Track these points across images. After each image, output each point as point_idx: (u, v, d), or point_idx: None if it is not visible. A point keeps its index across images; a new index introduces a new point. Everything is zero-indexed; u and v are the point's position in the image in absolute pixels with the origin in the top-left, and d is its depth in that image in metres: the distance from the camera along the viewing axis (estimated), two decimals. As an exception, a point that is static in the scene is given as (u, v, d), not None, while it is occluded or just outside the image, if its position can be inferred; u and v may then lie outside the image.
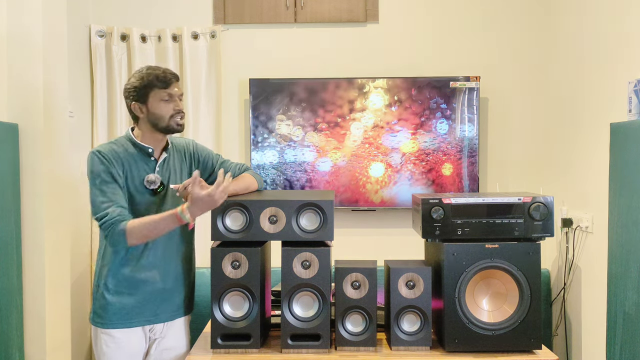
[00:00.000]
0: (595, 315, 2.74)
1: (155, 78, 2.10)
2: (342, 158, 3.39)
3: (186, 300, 2.27)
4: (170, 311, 2.21)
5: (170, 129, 2.14)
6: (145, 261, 2.13)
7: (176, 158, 2.25)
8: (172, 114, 2.12)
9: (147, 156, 2.16)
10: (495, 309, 2.12)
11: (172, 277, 2.19)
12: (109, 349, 2.13)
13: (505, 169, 3.47)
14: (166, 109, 2.12)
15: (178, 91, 2.15)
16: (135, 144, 2.15)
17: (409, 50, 3.47)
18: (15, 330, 2.46)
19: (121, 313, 2.12)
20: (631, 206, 2.15)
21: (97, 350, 2.16)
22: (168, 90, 2.12)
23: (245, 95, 3.46)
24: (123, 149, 2.14)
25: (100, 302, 2.13)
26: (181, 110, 2.15)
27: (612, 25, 2.65)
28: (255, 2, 3.48)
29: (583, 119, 2.92)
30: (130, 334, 2.14)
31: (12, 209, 2.46)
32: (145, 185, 2.13)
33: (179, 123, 2.14)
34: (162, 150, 2.21)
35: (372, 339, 2.09)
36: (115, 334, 2.12)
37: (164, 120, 2.12)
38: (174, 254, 2.20)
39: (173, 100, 2.13)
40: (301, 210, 2.10)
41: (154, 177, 2.13)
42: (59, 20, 2.73)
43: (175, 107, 2.13)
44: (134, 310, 2.13)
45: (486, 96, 3.44)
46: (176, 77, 2.17)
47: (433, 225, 2.11)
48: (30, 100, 2.55)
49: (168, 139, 2.24)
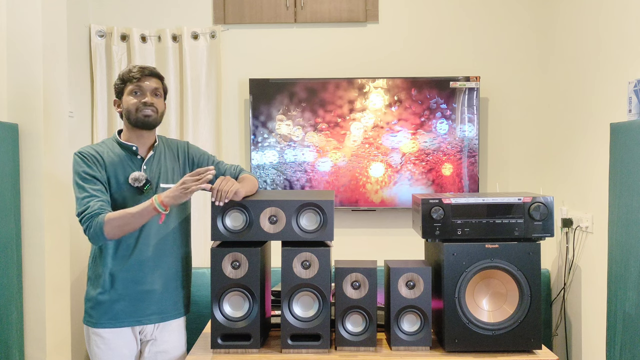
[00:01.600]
0: (595, 315, 2.74)
1: (128, 72, 2.15)
2: (342, 158, 3.39)
3: (180, 302, 2.25)
4: (161, 313, 2.19)
5: (140, 122, 2.14)
6: (134, 261, 2.12)
7: (167, 157, 2.24)
8: (137, 106, 2.13)
9: (132, 154, 2.17)
10: (495, 309, 2.12)
11: (163, 278, 2.17)
12: (100, 349, 2.13)
13: (505, 169, 3.47)
14: (134, 101, 2.13)
15: (150, 85, 2.16)
16: (120, 143, 2.17)
17: (409, 50, 3.47)
18: (15, 330, 2.46)
19: (110, 313, 2.12)
20: (631, 206, 2.15)
21: (90, 351, 2.18)
22: (139, 83, 2.13)
23: (245, 95, 3.46)
24: (108, 150, 2.15)
25: (90, 302, 2.14)
26: (149, 103, 2.14)
27: (612, 25, 2.65)
28: (255, 2, 3.48)
29: (583, 119, 2.92)
30: (119, 334, 2.13)
31: (12, 209, 2.46)
32: (130, 183, 2.12)
33: (146, 114, 2.13)
34: (150, 149, 2.21)
35: (372, 339, 2.09)
36: (104, 334, 2.12)
37: (133, 113, 2.13)
38: (167, 254, 2.18)
39: (142, 94, 2.14)
40: (301, 210, 2.10)
41: (138, 175, 2.12)
42: (59, 20, 2.73)
43: (142, 100, 2.13)
44: (122, 310, 2.12)
45: (486, 96, 3.44)
46: (152, 73, 2.18)
47: (433, 225, 2.11)
48: (30, 100, 2.55)
49: (157, 137, 2.24)
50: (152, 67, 2.21)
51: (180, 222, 2.24)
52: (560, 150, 3.20)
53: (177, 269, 2.22)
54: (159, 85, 2.20)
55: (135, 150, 2.16)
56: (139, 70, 2.15)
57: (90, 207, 2.01)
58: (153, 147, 2.21)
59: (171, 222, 2.20)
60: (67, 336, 2.76)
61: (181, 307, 2.26)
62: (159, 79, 2.21)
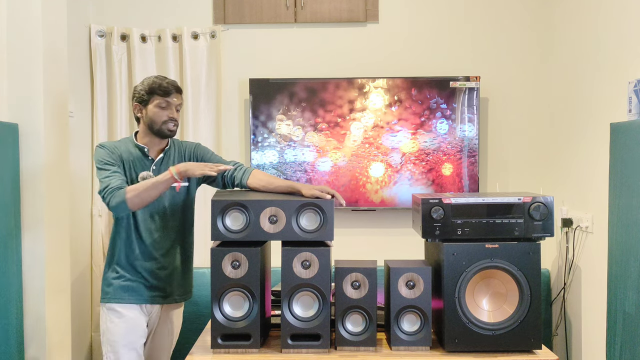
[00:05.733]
0: (595, 315, 2.74)
1: (158, 87, 2.34)
2: (342, 158, 3.39)
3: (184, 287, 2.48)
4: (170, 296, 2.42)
5: (162, 133, 2.36)
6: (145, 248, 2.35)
7: (176, 157, 2.44)
8: (165, 120, 2.34)
9: (144, 156, 2.38)
10: (495, 309, 2.12)
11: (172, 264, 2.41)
12: (113, 324, 2.33)
13: (505, 169, 3.47)
14: (161, 114, 2.34)
15: (176, 101, 2.37)
16: (135, 144, 2.39)
17: (409, 50, 3.47)
18: (15, 330, 2.46)
19: (124, 290, 2.34)
20: (631, 206, 2.15)
21: (103, 328, 2.36)
22: (167, 98, 2.34)
23: (245, 95, 3.46)
24: (125, 148, 2.38)
25: (107, 281, 2.37)
26: (174, 118, 2.37)
27: (611, 26, 2.65)
28: (255, 2, 3.48)
29: (583, 119, 2.92)
30: (130, 309, 2.35)
31: (12, 209, 2.46)
32: (139, 181, 2.29)
33: (170, 129, 2.36)
34: (161, 151, 2.42)
35: (372, 339, 2.09)
36: (118, 309, 2.33)
37: (157, 124, 2.34)
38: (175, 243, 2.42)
39: (169, 108, 2.35)
40: (301, 210, 2.10)
41: (147, 174, 2.32)
42: (59, 20, 2.73)
43: (169, 115, 2.35)
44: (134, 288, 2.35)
45: (486, 96, 3.44)
46: (178, 89, 2.38)
47: (433, 225, 2.11)
48: (30, 100, 2.55)
49: (170, 141, 2.46)
50: (177, 83, 2.40)
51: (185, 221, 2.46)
52: (560, 150, 3.20)
53: (182, 258, 2.46)
54: (182, 102, 2.42)
55: (146, 152, 2.38)
56: (169, 85, 2.35)
57: (111, 183, 2.21)
58: (164, 150, 2.41)
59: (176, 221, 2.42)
60: (67, 336, 2.76)
61: (186, 293, 2.50)
62: (181, 94, 2.41)
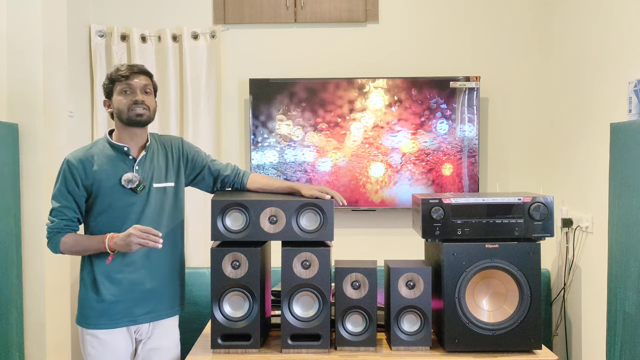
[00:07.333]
0: (595, 315, 2.74)
1: (115, 71, 2.13)
2: (342, 158, 3.39)
3: (175, 300, 2.25)
4: (157, 311, 2.19)
5: (132, 121, 2.12)
6: (129, 260, 2.12)
7: (160, 155, 2.22)
8: (129, 105, 2.11)
9: (124, 155, 2.15)
10: (495, 309, 2.12)
11: (158, 277, 2.17)
12: (95, 350, 2.12)
13: (505, 169, 3.47)
14: (125, 100, 2.11)
15: (139, 82, 2.13)
16: (112, 144, 2.15)
17: (409, 50, 3.47)
18: (15, 330, 2.46)
19: (106, 314, 2.11)
20: (631, 206, 2.15)
21: (83, 351, 2.16)
22: (128, 81, 2.11)
23: (245, 95, 3.46)
24: (99, 151, 2.14)
25: (84, 302, 2.14)
26: (141, 101, 2.12)
27: (611, 26, 2.65)
28: (255, 2, 3.48)
29: (583, 119, 2.92)
30: (115, 334, 2.13)
31: (12, 209, 2.46)
32: (123, 184, 2.10)
33: (139, 113, 2.11)
34: (142, 149, 2.19)
35: (372, 339, 2.09)
36: (99, 335, 2.12)
37: (125, 112, 2.11)
38: (160, 254, 2.16)
39: (133, 92, 2.12)
40: (301, 210, 2.10)
41: (132, 176, 2.11)
42: (59, 20, 2.73)
43: (133, 98, 2.11)
44: (118, 310, 2.12)
45: (486, 96, 3.44)
46: (141, 71, 2.16)
47: (433, 225, 2.11)
48: (30, 100, 2.55)
49: (150, 135, 2.22)
50: (140, 65, 2.19)
51: (174, 227, 2.23)
52: (560, 150, 3.20)
53: (171, 268, 2.22)
54: (149, 82, 2.17)
55: (126, 151, 2.14)
56: (127, 68, 2.13)
57: (54, 224, 2.11)
58: (145, 147, 2.18)
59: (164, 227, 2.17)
60: (67, 336, 2.76)
61: (176, 306, 2.26)
62: (147, 76, 2.18)
